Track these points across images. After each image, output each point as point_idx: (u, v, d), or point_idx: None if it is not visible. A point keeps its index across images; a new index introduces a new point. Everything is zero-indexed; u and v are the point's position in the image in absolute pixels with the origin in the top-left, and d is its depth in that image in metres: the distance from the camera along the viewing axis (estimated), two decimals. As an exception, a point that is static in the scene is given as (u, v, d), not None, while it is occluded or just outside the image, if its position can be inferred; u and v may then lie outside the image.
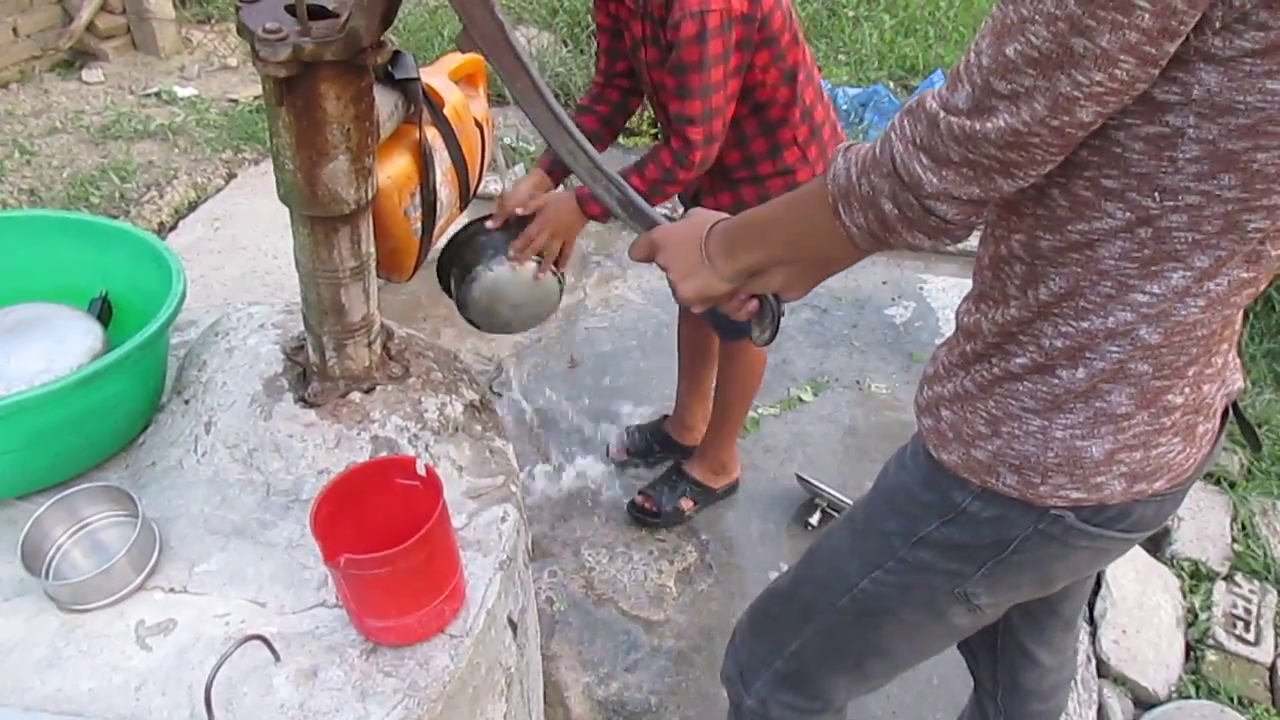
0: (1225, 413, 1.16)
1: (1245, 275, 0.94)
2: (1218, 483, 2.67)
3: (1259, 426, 2.82)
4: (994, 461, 1.07)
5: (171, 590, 1.27)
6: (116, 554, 1.23)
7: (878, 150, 0.92)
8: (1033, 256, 0.98)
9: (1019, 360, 1.02)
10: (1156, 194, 0.87)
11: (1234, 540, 2.51)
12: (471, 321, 2.06)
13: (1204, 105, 0.82)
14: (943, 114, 0.85)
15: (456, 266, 2.01)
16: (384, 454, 1.39)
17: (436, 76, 1.48)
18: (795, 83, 1.96)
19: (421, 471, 1.21)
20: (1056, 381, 1.01)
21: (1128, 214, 0.90)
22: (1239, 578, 2.42)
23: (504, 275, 1.95)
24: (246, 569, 1.30)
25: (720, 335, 2.35)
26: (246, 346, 1.52)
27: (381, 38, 1.19)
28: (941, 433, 1.12)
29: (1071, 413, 1.02)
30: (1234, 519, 2.57)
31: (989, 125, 0.83)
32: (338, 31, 1.11)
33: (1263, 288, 1.00)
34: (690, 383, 2.66)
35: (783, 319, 1.26)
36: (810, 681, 1.38)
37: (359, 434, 1.41)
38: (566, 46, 4.82)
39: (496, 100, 4.12)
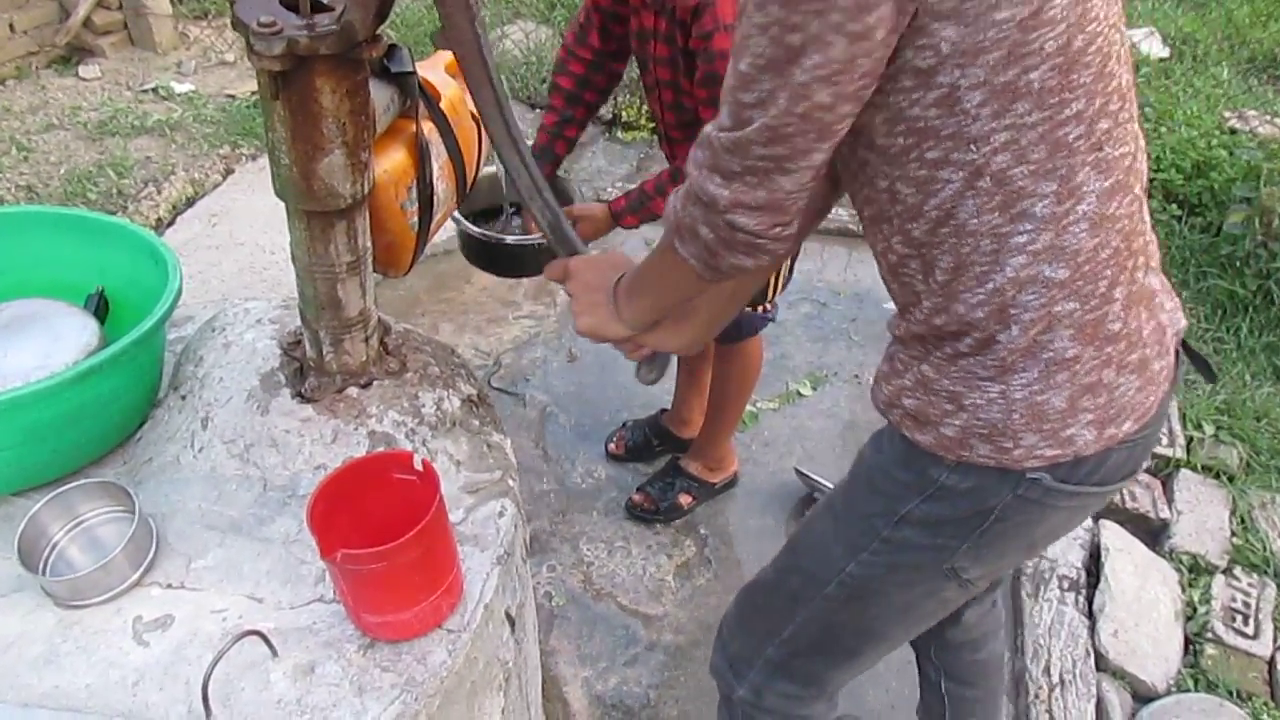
0: (1178, 353, 1.20)
1: (1106, 184, 1.00)
2: (1217, 476, 2.67)
3: (1258, 420, 2.83)
4: (964, 435, 1.09)
5: (169, 586, 1.27)
6: (114, 550, 1.23)
7: (688, 182, 1.03)
8: (916, 249, 1.05)
9: (965, 341, 1.06)
10: (972, 145, 0.96)
11: (1233, 534, 2.51)
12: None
13: (958, 55, 0.91)
14: (715, 133, 0.98)
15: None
16: (381, 449, 1.39)
17: (432, 70, 1.48)
18: None
19: (418, 466, 1.21)
20: (999, 346, 1.05)
21: (961, 173, 0.98)
22: (1238, 571, 2.42)
23: None
24: (244, 565, 1.29)
25: (718, 338, 2.35)
26: (243, 342, 1.52)
27: (377, 32, 1.19)
28: (912, 417, 1.14)
29: (1024, 371, 1.05)
30: (1233, 512, 2.57)
31: (749, 130, 0.94)
32: (333, 25, 1.11)
33: (1138, 190, 1.06)
34: (687, 377, 2.65)
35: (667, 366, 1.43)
36: (803, 668, 1.39)
37: (356, 429, 1.41)
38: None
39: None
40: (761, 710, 1.44)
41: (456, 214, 1.96)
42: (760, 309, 2.23)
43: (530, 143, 1.71)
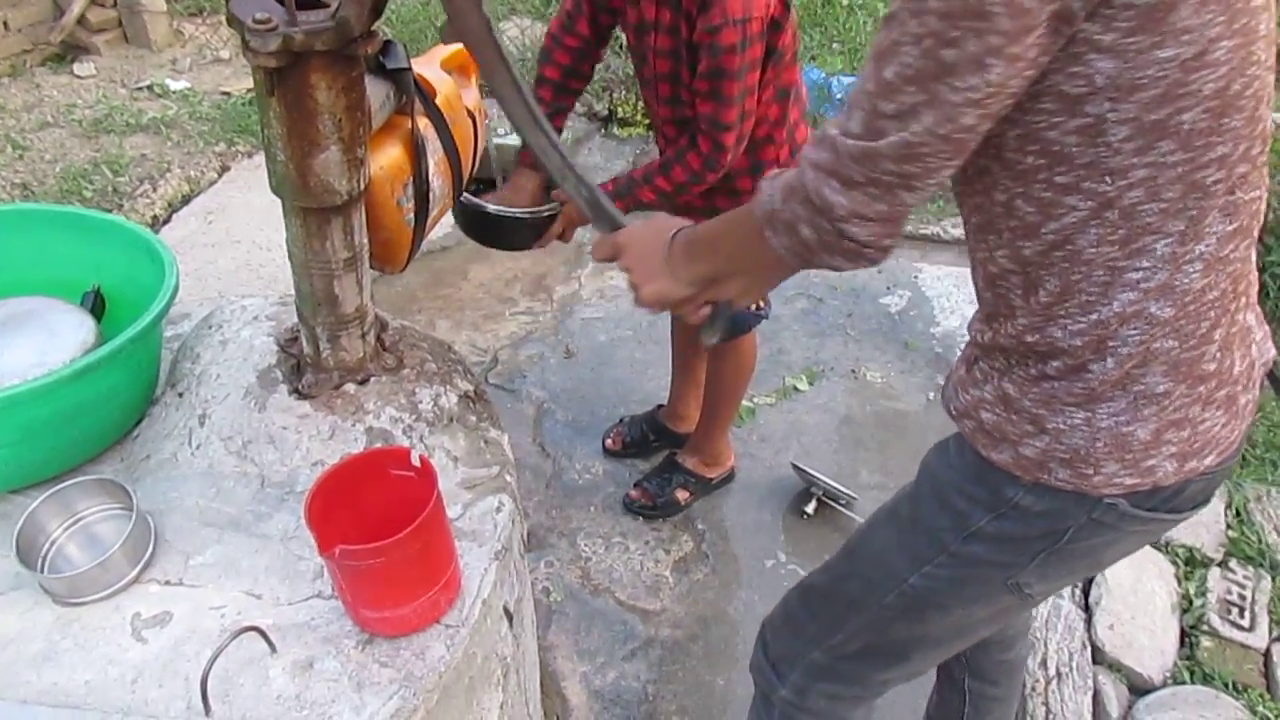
0: (1263, 382, 1.17)
1: (1229, 228, 0.97)
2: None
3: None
4: (1044, 458, 1.08)
5: (167, 583, 1.27)
6: (112, 547, 1.23)
7: (795, 178, 0.98)
8: (1022, 266, 1.02)
9: (1053, 364, 1.04)
10: (1108, 177, 0.92)
11: (1228, 526, 2.52)
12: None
13: (1111, 89, 0.87)
14: (841, 138, 0.92)
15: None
16: (379, 445, 1.39)
17: (428, 66, 1.48)
18: (787, 101, 1.96)
19: (416, 462, 1.21)
20: (1090, 375, 1.03)
21: (1089, 202, 0.94)
22: (1233, 564, 2.43)
23: None
24: (242, 561, 1.30)
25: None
26: (240, 339, 1.52)
27: (372, 28, 1.19)
28: (987, 433, 1.13)
29: (1112, 400, 1.04)
30: (1228, 505, 2.57)
31: (883, 143, 0.89)
32: (328, 21, 1.11)
33: (1256, 234, 1.03)
34: (684, 373, 2.66)
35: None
36: (852, 671, 1.39)
37: (353, 425, 1.41)
38: (560, 37, 4.80)
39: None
40: (803, 711, 1.43)
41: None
42: (753, 306, 2.23)
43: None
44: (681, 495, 2.58)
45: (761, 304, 2.26)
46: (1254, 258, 1.09)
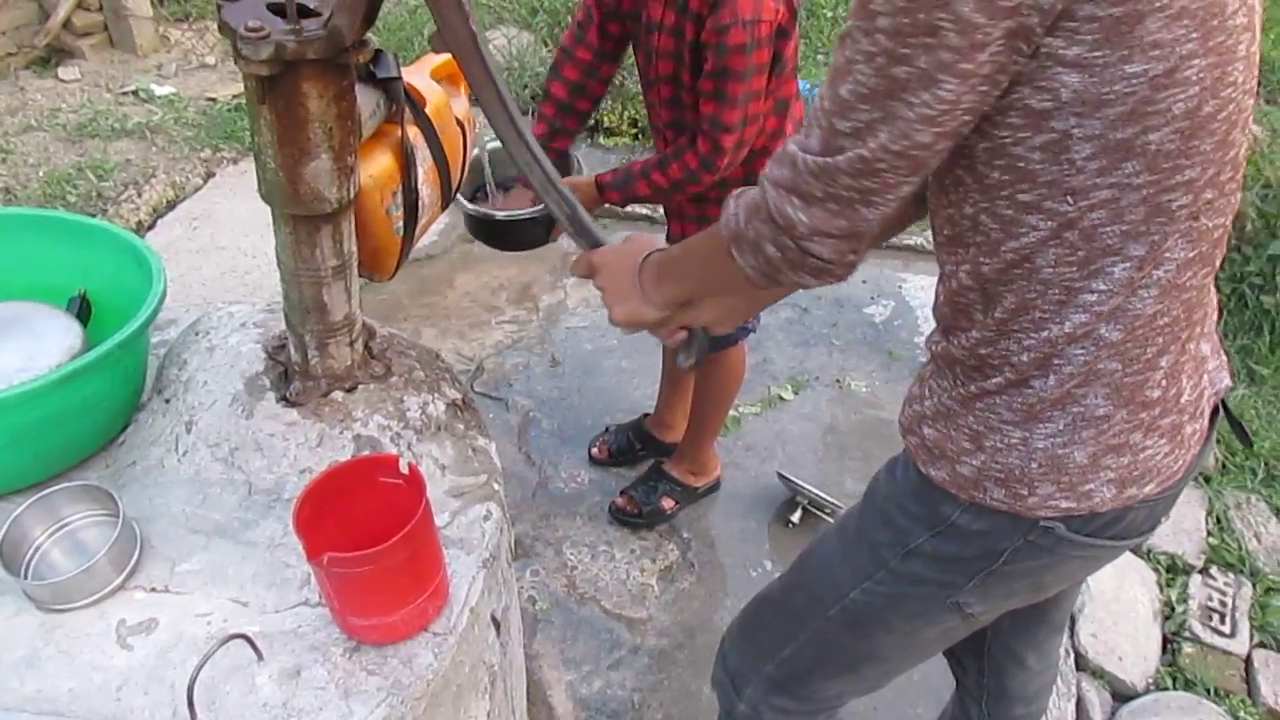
0: (1214, 412, 1.16)
1: (1189, 255, 0.96)
2: (1193, 477, 2.70)
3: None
4: (980, 476, 1.07)
5: (153, 590, 1.27)
6: (97, 553, 1.22)
7: (758, 196, 0.99)
8: (981, 283, 1.01)
9: (995, 379, 1.04)
10: (1069, 197, 0.91)
11: (1209, 534, 2.55)
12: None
13: (1077, 104, 0.86)
14: (800, 155, 0.93)
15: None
16: (366, 453, 1.39)
17: (418, 75, 1.48)
18: (785, 114, 1.97)
19: (404, 470, 1.21)
20: (1030, 391, 1.02)
21: (1050, 222, 0.93)
22: (1214, 571, 2.45)
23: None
24: (228, 568, 1.29)
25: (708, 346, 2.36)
26: (228, 345, 1.52)
27: (364, 37, 1.19)
28: (927, 449, 1.12)
29: (1050, 421, 1.03)
30: (1209, 513, 2.60)
31: (840, 159, 0.90)
32: (320, 30, 1.11)
33: (1217, 264, 1.02)
34: (673, 382, 2.66)
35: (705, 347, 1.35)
36: (803, 686, 1.38)
37: (341, 433, 1.41)
38: (546, 46, 4.81)
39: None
40: None
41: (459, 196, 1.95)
42: None
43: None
44: (667, 504, 2.58)
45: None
46: (1212, 286, 1.08)
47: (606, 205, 2.03)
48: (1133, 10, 0.81)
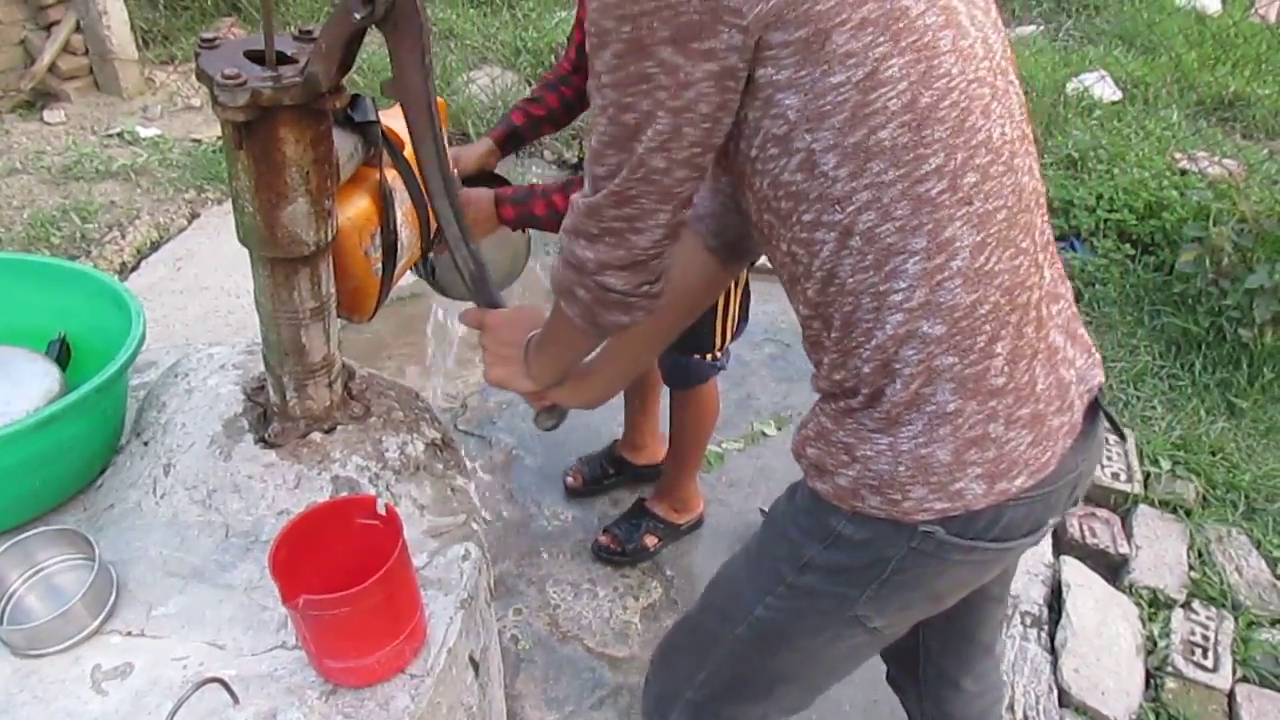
0: (1092, 410, 1.19)
1: (978, 239, 1.01)
2: (1174, 511, 2.71)
3: (1213, 455, 2.88)
4: (856, 485, 1.11)
5: (129, 634, 1.26)
6: (73, 598, 1.22)
7: (562, 248, 1.10)
8: (813, 309, 1.08)
9: (857, 398, 1.09)
10: (837, 206, 0.99)
11: (1191, 568, 2.55)
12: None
13: (805, 121, 0.96)
14: (578, 199, 1.06)
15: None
16: (344, 494, 1.39)
17: (396, 119, 1.50)
18: None
19: (381, 511, 1.22)
20: (884, 399, 1.06)
21: (833, 234, 1.01)
22: (1196, 605, 2.45)
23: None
24: (205, 611, 1.29)
25: (670, 384, 2.39)
26: (206, 387, 1.52)
27: (340, 83, 1.21)
28: (814, 466, 1.16)
29: (909, 424, 1.06)
30: (1190, 546, 2.61)
31: (600, 196, 1.03)
32: (296, 77, 1.13)
33: (1026, 244, 1.05)
34: (638, 403, 2.69)
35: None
36: (724, 709, 1.38)
37: (319, 474, 1.41)
38: (529, 85, 4.86)
39: (460, 138, 4.15)
40: None
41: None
42: (708, 357, 2.27)
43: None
44: (650, 541, 2.58)
45: (718, 354, 2.29)
46: (1048, 274, 1.10)
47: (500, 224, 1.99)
48: (816, 30, 0.92)
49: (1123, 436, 1.35)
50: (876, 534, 1.12)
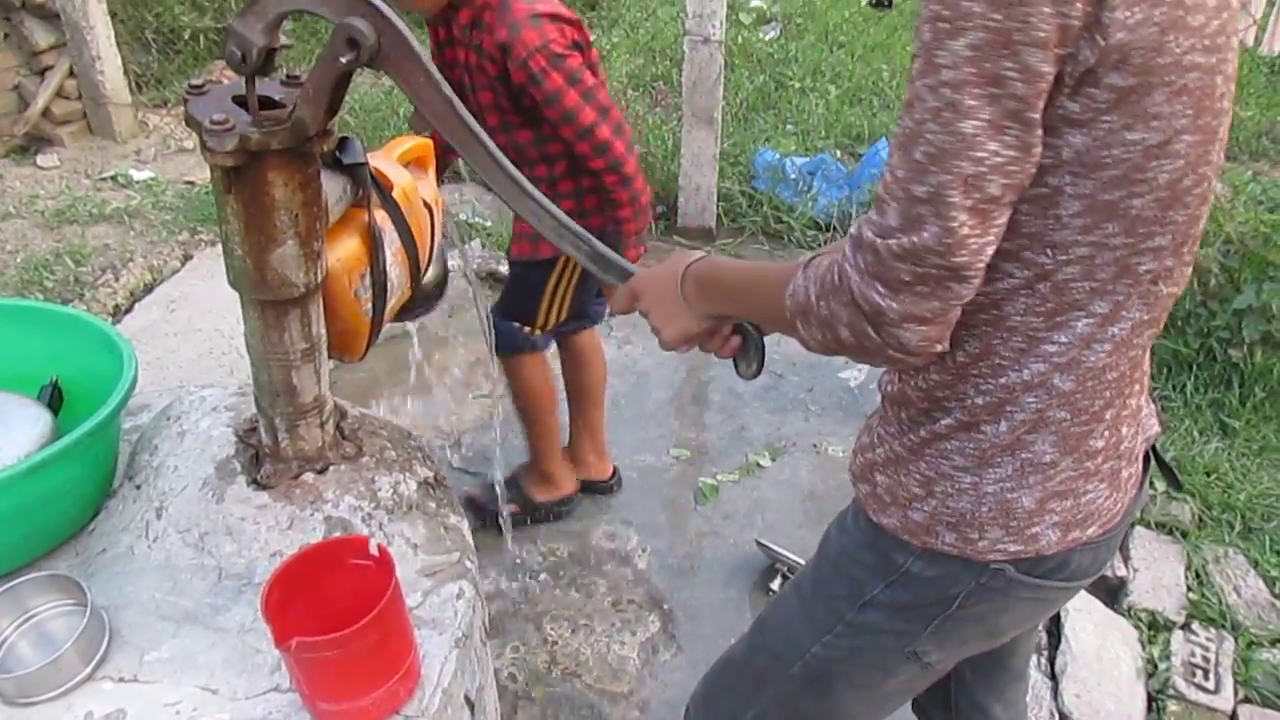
0: (1146, 457, 1.21)
1: (1144, 317, 1.01)
2: (1170, 532, 2.71)
3: (1208, 475, 2.88)
4: (931, 521, 1.09)
5: (121, 680, 1.25)
6: (64, 645, 1.21)
7: (835, 277, 0.93)
8: None
9: (945, 421, 1.06)
10: (1049, 250, 0.95)
11: (1189, 589, 2.55)
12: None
13: (1075, 164, 0.90)
14: (879, 240, 0.88)
15: None
16: (337, 534, 1.39)
17: (384, 160, 1.51)
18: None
19: (374, 551, 1.21)
20: (981, 437, 1.05)
21: (1026, 272, 0.96)
22: (1196, 626, 2.45)
23: None
24: (198, 655, 1.28)
25: (496, 347, 2.44)
26: (199, 430, 1.52)
27: (328, 126, 1.22)
28: (879, 497, 1.14)
29: (1000, 466, 1.05)
30: (1188, 568, 2.60)
31: (925, 235, 0.85)
32: (284, 121, 1.14)
33: (1160, 328, 1.06)
34: (579, 419, 2.79)
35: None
36: None
37: (312, 515, 1.41)
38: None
39: (452, 177, 4.17)
40: None
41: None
42: (527, 330, 2.38)
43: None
44: (510, 508, 2.59)
45: (536, 332, 2.39)
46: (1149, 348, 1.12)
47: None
48: (1144, 81, 0.86)
49: (1179, 486, 1.33)
50: (946, 571, 1.11)
